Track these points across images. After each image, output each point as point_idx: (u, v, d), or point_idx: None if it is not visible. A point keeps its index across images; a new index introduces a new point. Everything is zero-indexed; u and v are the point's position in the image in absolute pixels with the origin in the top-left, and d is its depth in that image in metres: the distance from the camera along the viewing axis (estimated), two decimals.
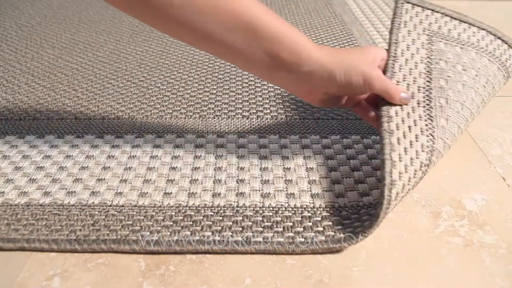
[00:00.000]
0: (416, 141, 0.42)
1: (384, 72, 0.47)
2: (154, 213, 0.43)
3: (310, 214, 0.43)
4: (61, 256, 0.39)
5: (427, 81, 0.46)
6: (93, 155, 0.52)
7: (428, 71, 0.47)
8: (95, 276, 0.37)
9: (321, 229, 0.41)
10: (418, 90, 0.46)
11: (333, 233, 0.40)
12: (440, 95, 0.45)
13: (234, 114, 0.60)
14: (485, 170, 0.50)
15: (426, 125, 0.43)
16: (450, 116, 0.44)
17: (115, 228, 0.41)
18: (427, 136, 0.42)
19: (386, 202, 0.38)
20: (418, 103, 0.45)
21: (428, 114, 0.44)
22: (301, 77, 0.43)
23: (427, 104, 0.45)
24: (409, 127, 0.43)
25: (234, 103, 0.63)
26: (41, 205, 0.44)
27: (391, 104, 0.45)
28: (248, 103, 0.63)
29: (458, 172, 0.50)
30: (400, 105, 0.45)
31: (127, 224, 0.42)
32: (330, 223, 0.42)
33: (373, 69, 0.43)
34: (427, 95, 0.45)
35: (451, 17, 0.51)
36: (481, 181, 0.48)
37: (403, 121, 0.43)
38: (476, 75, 0.48)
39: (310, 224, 0.41)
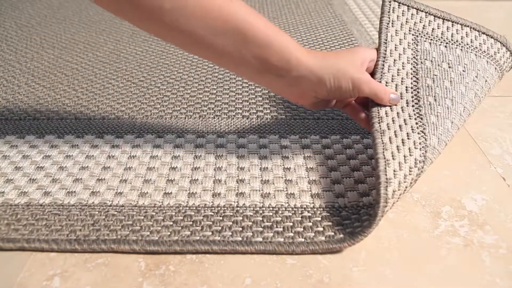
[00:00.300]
0: (408, 139, 0.42)
1: (374, 72, 0.48)
2: (154, 213, 0.43)
3: (310, 214, 0.43)
4: (61, 256, 0.39)
5: (414, 81, 0.48)
6: (93, 155, 0.52)
7: (414, 71, 0.48)
8: (95, 276, 0.37)
9: (321, 229, 0.41)
10: (406, 90, 0.47)
11: (333, 233, 0.40)
12: (428, 94, 0.46)
13: (234, 114, 0.60)
14: (485, 170, 0.50)
15: (417, 123, 0.44)
16: (441, 112, 0.45)
17: (115, 228, 0.41)
18: (419, 133, 0.43)
19: (383, 201, 0.38)
20: (407, 103, 0.46)
21: (417, 113, 0.45)
22: (290, 82, 0.43)
23: (416, 103, 0.46)
24: (400, 126, 0.44)
25: (234, 103, 0.63)
26: (41, 205, 0.44)
27: (381, 105, 0.46)
28: (248, 103, 0.63)
29: (458, 172, 0.50)
30: (390, 106, 0.46)
31: (127, 224, 0.42)
32: (330, 223, 0.42)
33: (362, 73, 0.44)
34: (415, 95, 0.47)
35: (435, 16, 0.52)
36: (481, 181, 0.48)
37: (393, 120, 0.44)
38: (464, 71, 0.48)
39: (310, 224, 0.41)
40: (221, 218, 0.42)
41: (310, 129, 0.56)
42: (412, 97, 0.46)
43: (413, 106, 0.46)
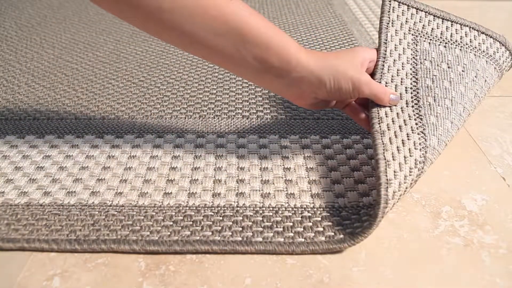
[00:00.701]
0: (408, 139, 0.42)
1: (374, 73, 0.48)
2: (154, 213, 0.43)
3: (310, 214, 0.43)
4: (61, 256, 0.39)
5: (414, 81, 0.48)
6: (93, 155, 0.52)
7: (414, 72, 0.48)
8: (95, 276, 0.37)
9: (321, 229, 0.41)
10: (406, 90, 0.47)
11: (333, 234, 0.40)
12: (427, 94, 0.46)
13: (234, 114, 0.60)
14: (485, 170, 0.50)
15: (416, 123, 0.44)
16: (440, 113, 0.45)
17: (115, 228, 0.41)
18: (418, 134, 0.43)
19: (384, 202, 0.38)
20: (407, 103, 0.46)
21: (417, 113, 0.45)
22: (290, 82, 0.43)
23: (416, 104, 0.46)
24: (400, 126, 0.44)
25: (234, 103, 0.63)
26: (41, 205, 0.44)
27: (381, 105, 0.46)
28: (248, 103, 0.63)
29: (458, 172, 0.50)
30: (390, 106, 0.46)
31: (127, 224, 0.42)
32: (330, 223, 0.42)
33: (361, 74, 0.44)
34: (415, 95, 0.47)
35: (434, 15, 0.52)
36: (481, 181, 0.48)
37: (393, 121, 0.44)
38: (463, 71, 0.48)
39: (310, 224, 0.41)
40: (221, 218, 0.42)
41: (310, 129, 0.56)
42: (412, 97, 0.46)
43: (412, 106, 0.46)
